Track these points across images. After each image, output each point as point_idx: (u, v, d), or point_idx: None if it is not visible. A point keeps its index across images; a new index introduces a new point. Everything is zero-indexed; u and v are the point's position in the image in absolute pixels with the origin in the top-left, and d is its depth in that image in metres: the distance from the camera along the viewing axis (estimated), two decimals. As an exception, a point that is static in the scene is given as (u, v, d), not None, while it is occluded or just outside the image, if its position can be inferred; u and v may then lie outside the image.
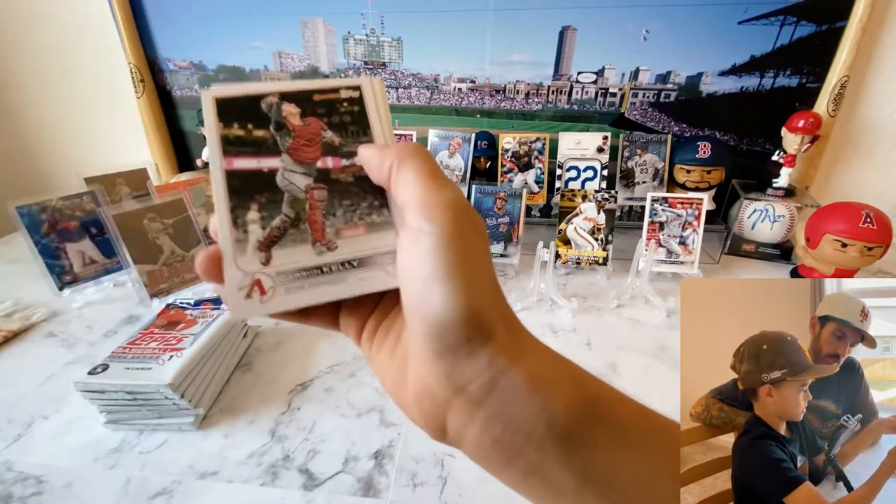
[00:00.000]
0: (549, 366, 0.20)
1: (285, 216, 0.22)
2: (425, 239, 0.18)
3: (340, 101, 0.23)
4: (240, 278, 0.21)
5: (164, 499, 0.44)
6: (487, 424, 0.18)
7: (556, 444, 0.18)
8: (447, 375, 0.18)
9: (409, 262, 0.19)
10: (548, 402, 0.18)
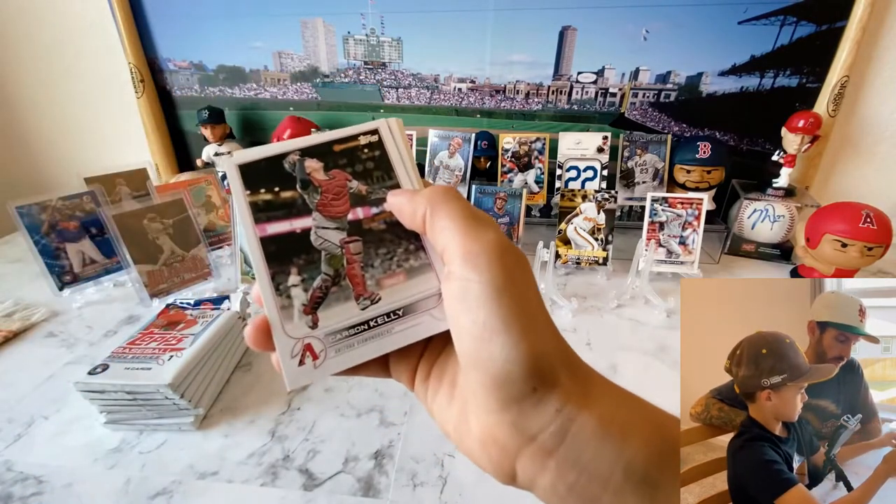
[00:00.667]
0: (622, 408, 0.19)
1: (325, 275, 0.22)
2: (475, 288, 0.18)
3: (360, 147, 0.23)
4: (291, 346, 0.21)
5: (164, 499, 0.44)
6: (561, 472, 0.18)
7: (634, 490, 0.17)
8: (514, 425, 0.18)
9: (461, 314, 0.19)
10: (624, 447, 0.17)
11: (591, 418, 0.18)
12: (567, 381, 0.18)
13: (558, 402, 0.18)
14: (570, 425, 0.18)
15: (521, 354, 0.17)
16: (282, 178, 0.22)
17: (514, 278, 0.18)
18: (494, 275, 0.18)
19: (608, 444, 0.17)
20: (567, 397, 0.18)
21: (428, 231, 0.21)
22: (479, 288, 0.18)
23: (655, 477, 0.17)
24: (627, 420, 0.18)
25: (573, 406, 0.18)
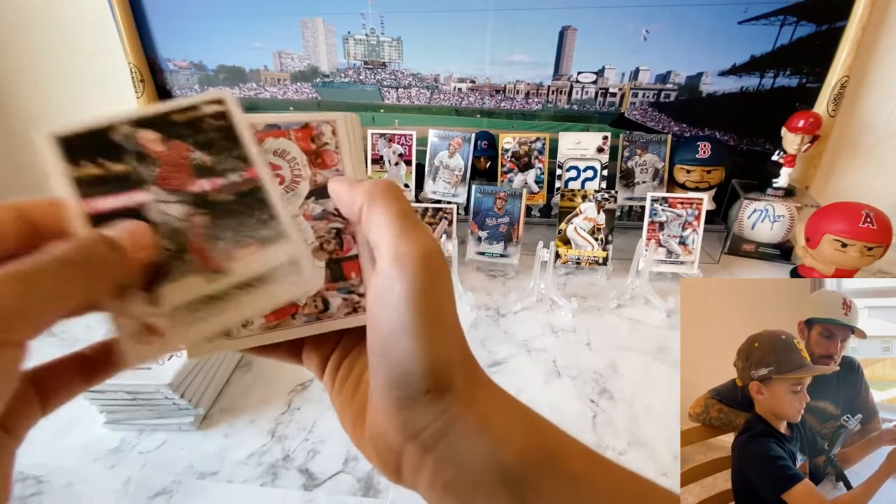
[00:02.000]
0: (503, 411, 0.20)
1: (166, 249, 0.21)
2: (397, 288, 0.18)
3: (202, 117, 0.22)
4: (129, 326, 0.20)
5: (164, 499, 0.44)
6: (438, 469, 0.18)
7: (507, 492, 0.18)
8: (403, 424, 0.19)
9: (380, 311, 0.19)
10: (498, 447, 0.18)
11: (471, 417, 0.18)
12: (460, 385, 0.19)
13: (446, 403, 0.18)
14: (452, 425, 0.18)
15: (424, 357, 0.18)
16: (112, 150, 0.20)
17: (436, 285, 0.19)
18: (418, 279, 0.18)
19: (484, 443, 0.18)
20: (455, 399, 0.19)
21: (363, 223, 0.21)
22: (401, 289, 0.18)
23: (528, 481, 0.18)
24: (507, 423, 0.19)
25: (459, 406, 0.18)
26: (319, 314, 0.24)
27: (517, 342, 0.66)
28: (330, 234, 0.24)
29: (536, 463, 0.18)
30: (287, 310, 0.24)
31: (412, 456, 0.19)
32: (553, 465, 0.18)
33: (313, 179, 0.23)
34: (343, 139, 0.23)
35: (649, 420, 0.53)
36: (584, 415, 0.54)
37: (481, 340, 0.66)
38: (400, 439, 0.19)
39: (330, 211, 0.23)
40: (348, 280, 0.24)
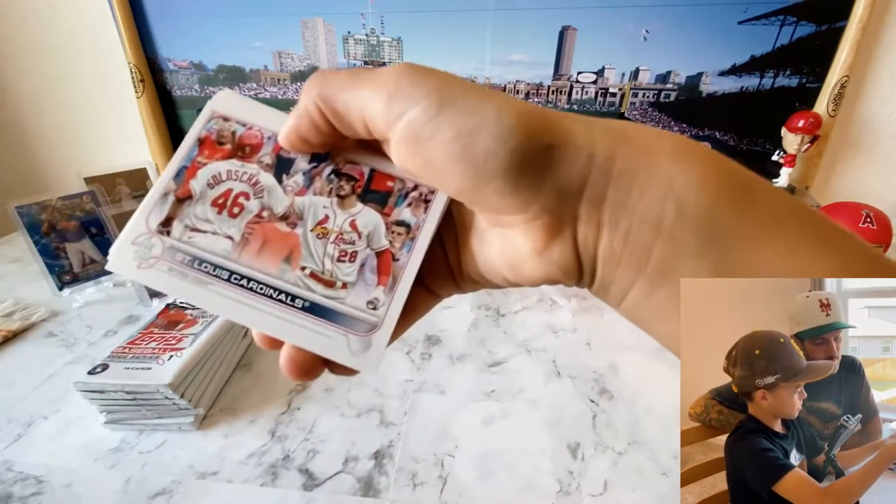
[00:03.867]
0: (667, 139, 0.16)
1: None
2: (420, 117, 0.15)
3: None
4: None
5: (164, 499, 0.44)
6: (614, 222, 0.15)
7: (689, 234, 0.15)
8: (557, 195, 0.16)
9: (430, 149, 0.16)
10: (674, 181, 0.15)
11: (630, 150, 0.15)
12: (579, 126, 0.16)
13: (584, 147, 0.15)
14: (611, 165, 0.15)
15: (507, 121, 0.15)
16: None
17: (448, 80, 0.16)
18: (430, 90, 0.16)
19: (654, 178, 0.15)
20: (590, 140, 0.16)
21: (336, 120, 0.18)
22: (424, 112, 0.15)
23: (712, 219, 0.15)
24: (675, 150, 0.15)
25: (604, 144, 0.15)
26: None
27: (517, 342, 0.66)
28: (336, 183, 0.21)
29: (721, 198, 0.15)
30: None
31: (586, 222, 0.16)
32: (742, 200, 0.15)
33: (264, 164, 0.21)
34: (238, 112, 0.21)
35: (649, 420, 0.53)
36: (584, 415, 0.54)
37: (481, 340, 0.66)
38: (569, 209, 0.16)
39: (307, 168, 0.21)
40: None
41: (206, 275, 0.19)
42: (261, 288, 0.19)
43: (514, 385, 0.58)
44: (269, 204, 0.20)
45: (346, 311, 0.19)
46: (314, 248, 0.20)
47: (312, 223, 0.20)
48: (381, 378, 0.58)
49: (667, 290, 0.16)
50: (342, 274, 0.20)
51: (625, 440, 0.50)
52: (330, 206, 0.20)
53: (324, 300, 0.19)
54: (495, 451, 0.49)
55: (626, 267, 0.16)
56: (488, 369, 0.61)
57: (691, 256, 0.15)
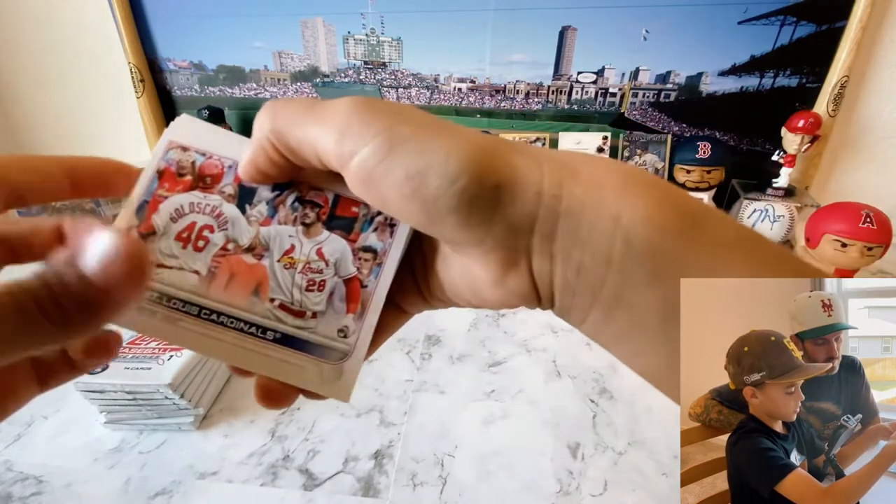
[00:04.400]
0: (609, 172, 0.16)
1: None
2: (370, 156, 0.16)
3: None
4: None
5: (164, 499, 0.44)
6: (566, 254, 0.16)
7: (638, 265, 0.15)
8: (509, 231, 0.16)
9: (387, 189, 0.16)
10: (621, 215, 0.15)
11: (576, 186, 0.16)
12: (527, 162, 0.16)
13: (532, 185, 0.16)
14: (558, 203, 0.16)
15: (455, 162, 0.15)
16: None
17: (398, 117, 0.16)
18: (379, 129, 0.16)
19: (601, 214, 0.15)
20: (539, 177, 0.16)
21: (291, 154, 0.18)
22: (374, 153, 0.15)
23: (660, 248, 0.15)
24: (621, 183, 0.16)
25: (551, 181, 0.16)
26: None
27: (517, 342, 0.66)
28: (300, 211, 0.20)
29: (667, 227, 0.15)
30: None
31: (539, 254, 0.16)
32: (687, 230, 0.15)
33: (226, 195, 0.20)
34: (196, 141, 0.20)
35: (649, 420, 0.53)
36: (585, 415, 0.54)
37: (481, 340, 0.66)
38: (521, 244, 0.16)
39: (270, 197, 0.20)
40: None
41: (176, 311, 0.19)
42: (232, 322, 0.19)
43: (514, 385, 0.58)
44: (234, 236, 0.20)
45: (317, 341, 0.20)
46: (282, 278, 0.20)
47: (279, 253, 0.20)
48: (381, 378, 0.58)
49: (622, 317, 0.16)
50: (311, 304, 0.20)
51: (625, 440, 0.50)
52: (296, 234, 0.20)
53: (295, 331, 0.19)
54: (495, 451, 0.49)
55: (581, 296, 0.17)
56: (488, 369, 0.61)
57: (641, 286, 0.15)
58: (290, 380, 0.19)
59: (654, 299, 0.15)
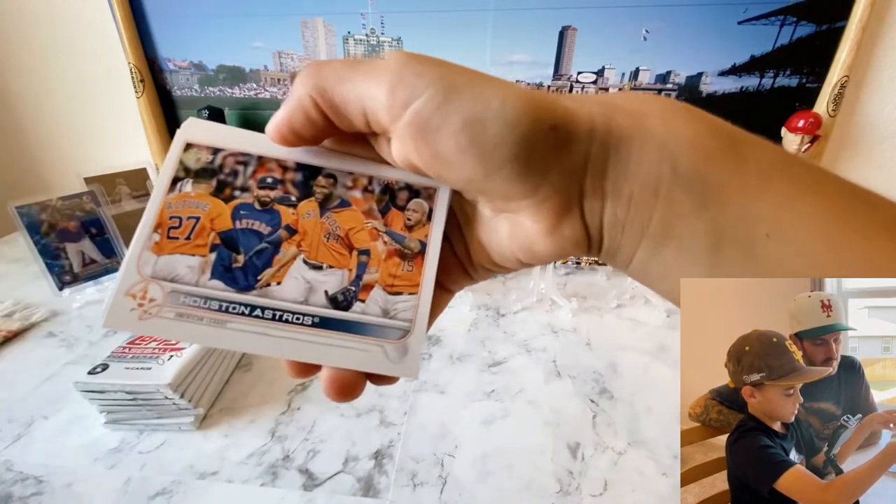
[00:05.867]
0: (656, 103, 0.17)
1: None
2: (427, 106, 0.15)
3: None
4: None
5: (164, 499, 0.44)
6: (616, 190, 0.16)
7: (685, 193, 0.15)
8: (564, 175, 0.16)
9: (438, 142, 0.16)
10: (666, 142, 0.15)
11: (623, 119, 0.16)
12: (575, 104, 0.16)
13: (584, 123, 0.16)
14: (608, 136, 0.16)
15: (513, 107, 0.15)
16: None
17: (450, 68, 0.16)
18: (433, 77, 0.15)
19: (648, 143, 0.16)
20: (588, 115, 0.16)
21: (333, 112, 0.17)
22: (430, 101, 0.15)
23: (706, 175, 0.15)
24: (662, 111, 0.16)
25: (601, 118, 0.16)
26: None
27: (517, 342, 0.66)
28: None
29: (712, 154, 0.15)
30: None
31: (590, 197, 0.16)
32: (732, 155, 0.15)
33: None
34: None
35: (649, 420, 0.53)
36: (585, 415, 0.54)
37: (481, 340, 0.66)
38: (575, 189, 0.16)
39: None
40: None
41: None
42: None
43: (514, 385, 0.58)
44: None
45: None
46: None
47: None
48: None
49: (670, 250, 0.16)
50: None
51: (625, 440, 0.50)
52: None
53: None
54: (495, 451, 0.49)
55: (630, 232, 0.17)
56: (488, 369, 0.61)
57: (689, 215, 0.15)
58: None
59: (703, 226, 0.15)
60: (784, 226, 0.15)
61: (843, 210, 0.15)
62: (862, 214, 0.15)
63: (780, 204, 0.15)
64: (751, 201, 0.15)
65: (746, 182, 0.15)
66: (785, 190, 0.15)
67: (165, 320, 0.18)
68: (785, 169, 0.15)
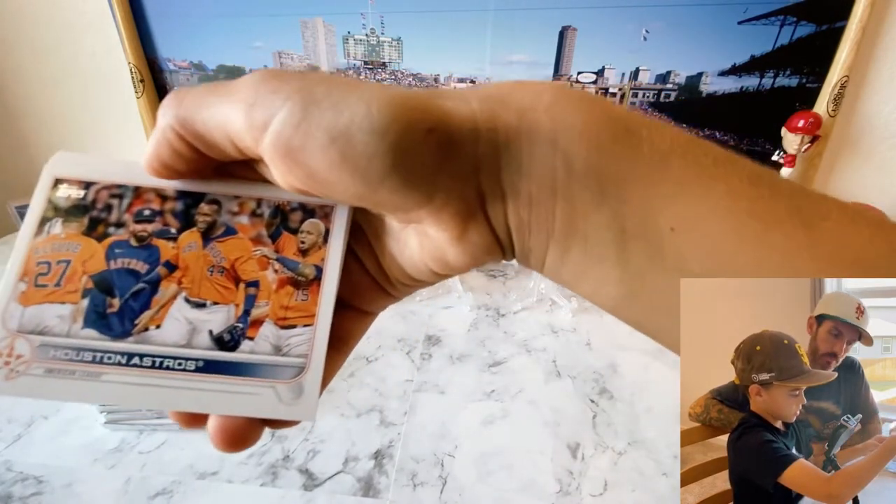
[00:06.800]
0: (546, 93, 0.15)
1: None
2: (284, 119, 0.14)
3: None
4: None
5: (164, 499, 0.44)
6: (513, 190, 0.15)
7: (582, 188, 0.15)
8: (454, 177, 0.15)
9: (308, 157, 0.14)
10: (557, 138, 0.15)
11: (509, 115, 0.15)
12: (455, 102, 0.15)
13: (466, 122, 0.15)
14: (495, 135, 0.15)
15: (379, 113, 0.14)
16: None
17: (309, 79, 0.15)
18: (290, 91, 0.14)
19: (538, 139, 0.15)
20: (470, 114, 0.15)
21: (199, 142, 0.16)
22: (288, 118, 0.14)
23: (602, 167, 0.14)
24: (552, 103, 0.15)
25: (484, 115, 0.15)
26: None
27: (517, 342, 0.66)
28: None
29: (605, 143, 0.14)
30: None
31: (490, 199, 0.16)
32: (628, 143, 0.14)
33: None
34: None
35: (649, 420, 0.53)
36: (585, 415, 0.54)
37: (481, 340, 0.66)
38: (470, 192, 0.15)
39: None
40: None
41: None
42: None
43: (514, 385, 0.58)
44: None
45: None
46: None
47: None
48: (382, 378, 0.58)
49: (577, 250, 0.16)
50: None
51: (625, 440, 0.50)
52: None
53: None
54: (495, 451, 0.49)
55: (536, 233, 0.16)
56: (488, 369, 0.61)
57: (590, 211, 0.15)
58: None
59: (605, 221, 0.15)
60: (687, 218, 0.14)
61: (749, 198, 0.14)
62: (770, 201, 0.14)
63: (680, 192, 0.14)
64: (650, 190, 0.14)
65: (643, 170, 0.14)
66: (683, 176, 0.14)
67: (34, 377, 0.16)
68: (682, 154, 0.14)
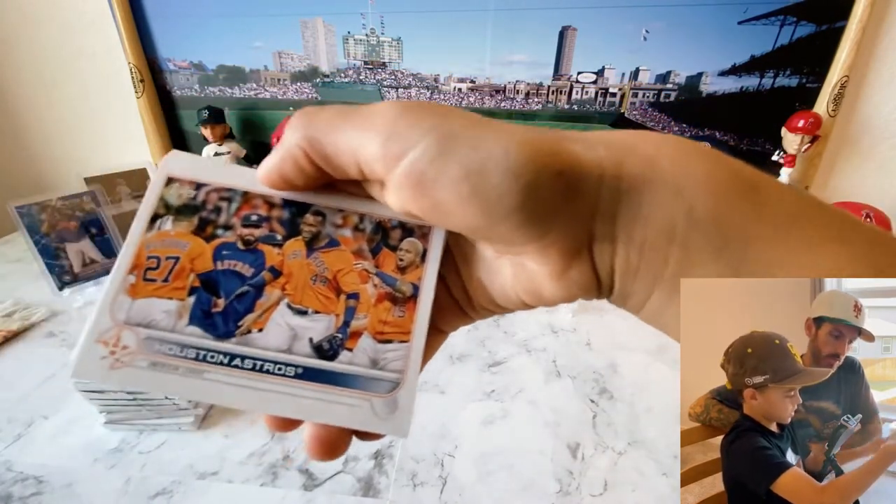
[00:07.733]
0: (671, 147, 0.16)
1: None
2: (420, 158, 0.15)
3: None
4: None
5: (164, 499, 0.44)
6: (628, 234, 0.15)
7: (702, 238, 0.15)
8: (573, 219, 0.15)
9: (439, 191, 0.15)
10: (681, 187, 0.15)
11: (635, 163, 0.15)
12: (583, 146, 0.16)
13: (593, 168, 0.15)
14: (619, 181, 0.15)
15: (516, 154, 0.14)
16: None
17: (445, 114, 0.15)
18: (429, 127, 0.15)
19: (661, 187, 0.15)
20: (597, 160, 0.15)
21: (325, 162, 0.17)
22: (426, 152, 0.15)
23: (725, 220, 0.14)
24: (678, 154, 0.15)
25: (610, 162, 0.15)
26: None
27: (517, 342, 0.66)
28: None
29: (731, 198, 0.15)
30: None
31: (599, 241, 0.16)
32: (753, 200, 0.15)
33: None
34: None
35: (649, 420, 0.53)
36: (585, 415, 0.54)
37: (481, 340, 0.66)
38: (583, 230, 0.16)
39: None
40: None
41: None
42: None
43: (514, 385, 0.58)
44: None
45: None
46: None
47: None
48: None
49: None
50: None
51: (625, 440, 0.50)
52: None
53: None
54: (495, 451, 0.49)
55: (643, 277, 0.16)
56: (488, 369, 0.61)
57: (707, 261, 0.15)
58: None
59: (722, 271, 0.15)
60: (806, 272, 0.14)
61: (872, 259, 0.14)
62: (890, 262, 0.14)
63: (803, 251, 0.14)
64: (772, 247, 0.14)
65: (767, 228, 0.14)
66: (810, 237, 0.14)
67: (138, 370, 0.17)
68: (808, 215, 0.15)
